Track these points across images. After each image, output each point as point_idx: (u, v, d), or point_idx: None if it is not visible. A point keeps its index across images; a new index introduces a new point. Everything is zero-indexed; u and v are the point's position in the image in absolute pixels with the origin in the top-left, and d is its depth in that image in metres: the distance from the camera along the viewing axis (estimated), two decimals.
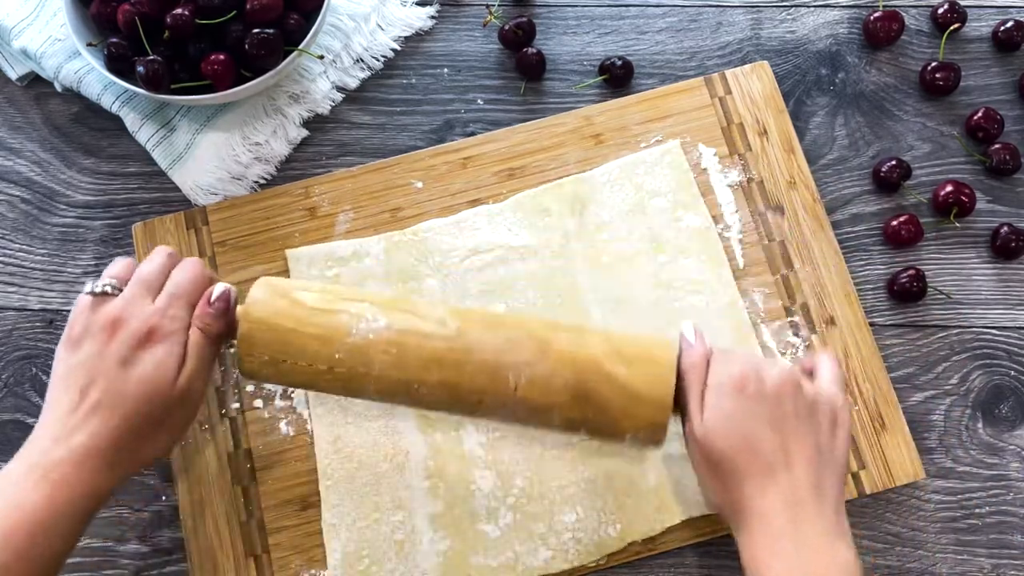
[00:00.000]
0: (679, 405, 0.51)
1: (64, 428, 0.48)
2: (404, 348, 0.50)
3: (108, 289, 0.51)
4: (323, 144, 0.71)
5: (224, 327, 0.52)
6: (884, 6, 0.73)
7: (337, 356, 0.50)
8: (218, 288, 0.52)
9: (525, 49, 0.71)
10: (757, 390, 0.49)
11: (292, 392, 0.63)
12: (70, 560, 0.61)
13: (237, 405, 0.63)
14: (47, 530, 0.46)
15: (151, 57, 0.63)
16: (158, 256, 0.53)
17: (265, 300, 0.52)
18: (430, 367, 0.50)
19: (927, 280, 0.66)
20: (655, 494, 0.59)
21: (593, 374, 0.50)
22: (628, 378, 0.50)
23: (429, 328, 0.51)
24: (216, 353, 0.52)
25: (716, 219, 0.66)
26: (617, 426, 0.51)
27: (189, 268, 0.53)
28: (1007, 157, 0.68)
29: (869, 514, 0.62)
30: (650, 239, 0.65)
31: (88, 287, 0.51)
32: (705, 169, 0.67)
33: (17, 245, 0.68)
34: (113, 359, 0.49)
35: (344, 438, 0.61)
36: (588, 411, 0.50)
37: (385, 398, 0.53)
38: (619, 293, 0.64)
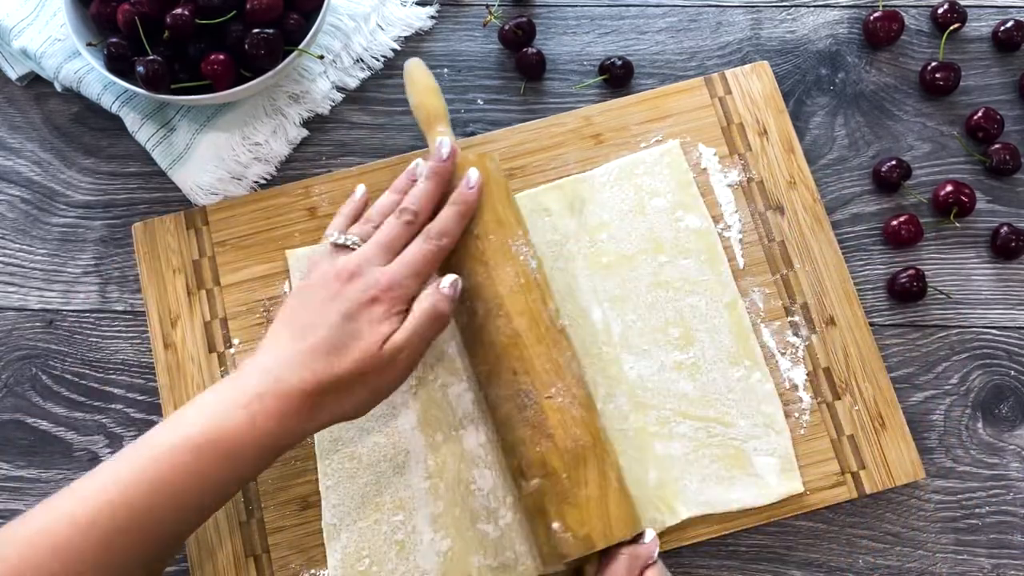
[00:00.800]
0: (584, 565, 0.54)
1: (277, 364, 0.50)
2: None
3: (350, 242, 0.55)
4: (323, 144, 0.71)
5: (448, 309, 0.54)
6: (884, 6, 0.73)
7: None
8: (447, 279, 0.54)
9: (525, 49, 0.71)
10: None
11: None
12: None
13: None
14: (242, 453, 0.48)
15: (151, 57, 0.63)
16: (403, 218, 0.56)
17: None
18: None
19: (927, 280, 0.66)
20: (656, 494, 0.59)
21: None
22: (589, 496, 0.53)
23: None
24: (434, 330, 0.53)
25: (716, 219, 0.66)
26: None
27: (427, 245, 0.55)
28: (1007, 157, 0.68)
29: (869, 514, 0.62)
30: (650, 239, 0.65)
31: (333, 236, 0.55)
32: (705, 169, 0.67)
33: (17, 245, 0.68)
34: (338, 311, 0.51)
35: (344, 438, 0.61)
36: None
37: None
38: (618, 293, 0.64)
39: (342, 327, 0.50)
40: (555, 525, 0.53)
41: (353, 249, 0.55)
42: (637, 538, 0.54)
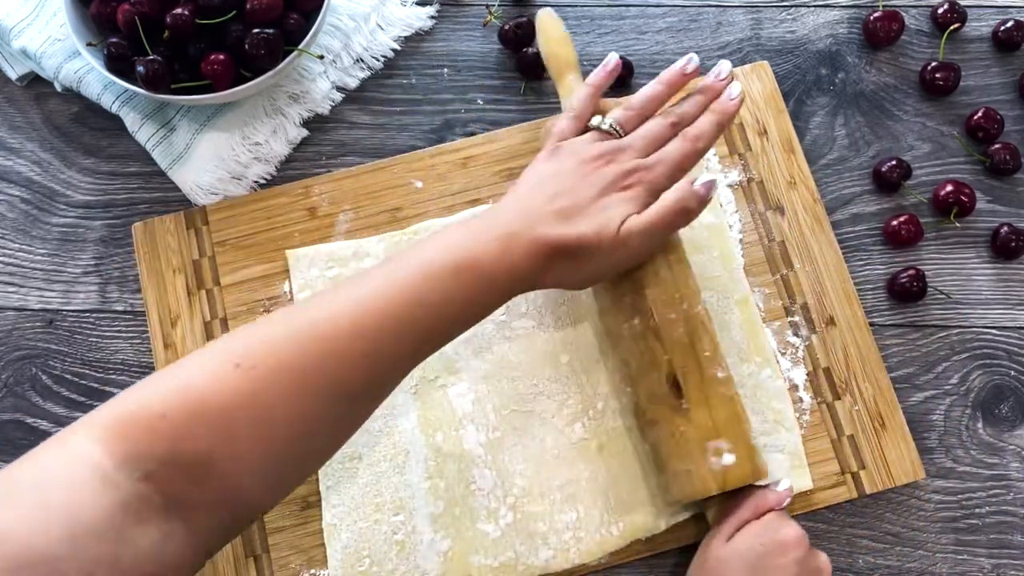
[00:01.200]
0: (718, 509, 0.56)
1: (528, 212, 0.52)
2: None
3: (614, 129, 0.56)
4: (323, 144, 0.71)
5: (695, 208, 0.54)
6: (884, 6, 0.73)
7: None
8: (704, 177, 0.54)
9: (525, 49, 0.71)
10: (778, 563, 0.53)
11: None
12: None
13: None
14: (496, 280, 0.50)
15: (151, 57, 0.63)
16: (669, 119, 0.57)
17: None
18: None
19: (927, 280, 0.66)
20: (659, 493, 0.59)
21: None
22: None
23: None
24: (675, 224, 0.54)
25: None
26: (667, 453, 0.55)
27: (685, 144, 0.56)
28: (1007, 157, 0.68)
29: (869, 514, 0.62)
30: None
31: (599, 121, 0.57)
32: (706, 169, 0.67)
33: (17, 245, 0.68)
34: (591, 186, 0.53)
35: None
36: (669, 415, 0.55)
37: None
38: None
39: (591, 202, 0.52)
40: (725, 449, 0.53)
41: (613, 135, 0.56)
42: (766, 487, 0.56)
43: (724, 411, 0.54)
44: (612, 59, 0.60)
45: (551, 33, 0.65)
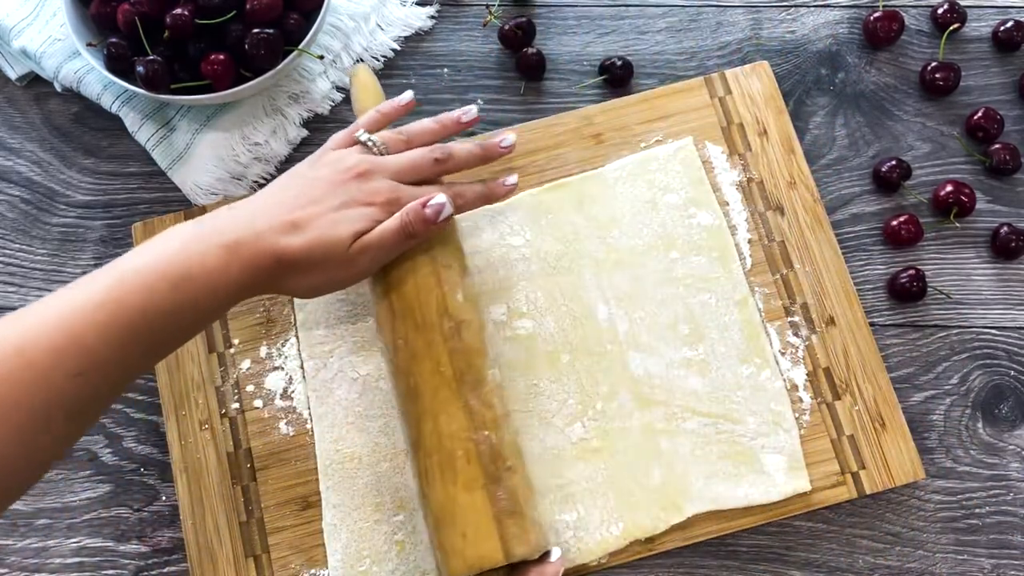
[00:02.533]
0: None
1: (261, 219, 0.51)
2: None
3: (373, 146, 0.56)
4: (323, 144, 0.70)
5: (421, 230, 0.54)
6: (884, 6, 0.73)
7: None
8: (438, 198, 0.54)
9: (525, 49, 0.71)
10: None
11: (292, 392, 0.63)
12: (69, 560, 0.61)
13: (237, 405, 0.63)
14: (213, 292, 0.49)
15: (151, 57, 0.63)
16: (434, 154, 0.57)
17: None
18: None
19: (927, 280, 0.66)
20: (660, 492, 0.59)
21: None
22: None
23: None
24: (403, 244, 0.54)
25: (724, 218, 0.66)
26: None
27: (446, 188, 0.56)
28: (1007, 157, 0.68)
29: (869, 514, 0.62)
30: (661, 236, 0.65)
31: (361, 133, 0.57)
32: (713, 168, 0.67)
33: (17, 245, 0.68)
34: (335, 198, 0.53)
35: (345, 438, 0.61)
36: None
37: None
38: (628, 290, 0.64)
39: (328, 213, 0.52)
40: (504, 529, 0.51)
41: (374, 152, 0.56)
42: (544, 556, 0.54)
43: (508, 483, 0.53)
44: (406, 96, 0.60)
45: (367, 88, 0.64)
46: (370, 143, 0.56)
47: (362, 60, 0.72)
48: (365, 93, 0.63)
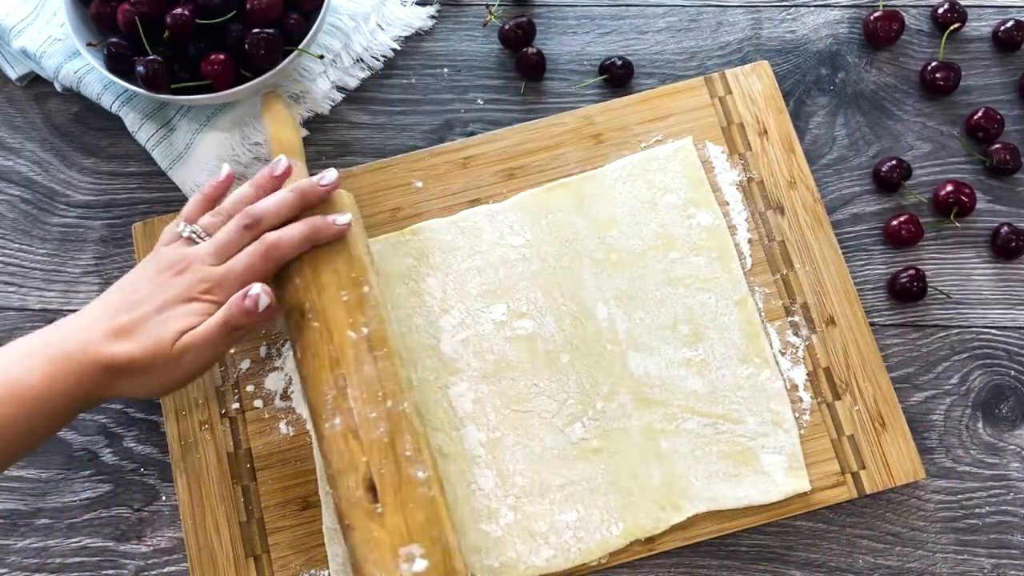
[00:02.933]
0: None
1: (89, 330, 0.51)
2: None
3: (193, 235, 0.56)
4: (323, 144, 0.71)
5: (247, 321, 0.53)
6: (884, 6, 0.73)
7: None
8: (255, 288, 0.53)
9: (525, 49, 0.71)
10: None
11: (292, 392, 0.63)
12: (69, 560, 0.61)
13: (237, 405, 0.63)
14: (39, 407, 0.49)
15: (151, 57, 0.63)
16: (242, 222, 0.55)
17: None
18: None
19: (927, 280, 0.66)
20: (660, 492, 0.59)
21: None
22: None
23: None
24: (230, 338, 0.53)
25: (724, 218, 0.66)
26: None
27: (257, 250, 0.55)
28: (1007, 157, 0.68)
29: (869, 514, 0.62)
30: (661, 236, 0.65)
31: (180, 226, 0.56)
32: (713, 168, 0.67)
33: (17, 245, 0.68)
34: (158, 299, 0.53)
35: None
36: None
37: None
38: (627, 290, 0.64)
39: (152, 315, 0.52)
40: (418, 554, 0.52)
41: (195, 241, 0.56)
42: None
43: (422, 514, 0.52)
44: (223, 170, 0.60)
45: (277, 114, 0.64)
46: (186, 234, 0.56)
47: (362, 60, 0.72)
48: (276, 124, 0.63)
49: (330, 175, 0.58)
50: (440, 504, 0.53)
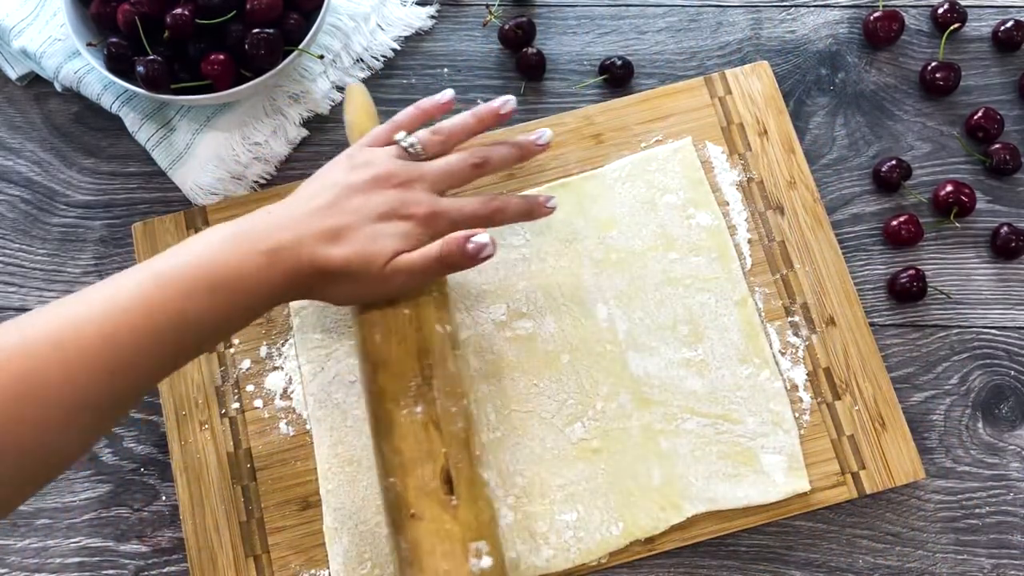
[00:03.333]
0: None
1: (299, 226, 0.50)
2: None
3: (414, 150, 0.55)
4: (323, 144, 0.70)
5: (461, 264, 0.52)
6: (884, 6, 0.73)
7: None
8: (481, 237, 0.52)
9: (525, 49, 0.71)
10: None
11: (292, 392, 0.63)
12: (69, 560, 0.61)
13: (237, 405, 0.63)
14: (253, 296, 0.49)
15: (151, 57, 0.63)
16: (472, 161, 0.56)
17: None
18: None
19: (927, 280, 0.66)
20: (660, 492, 0.59)
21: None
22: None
23: None
24: (440, 273, 0.53)
25: (723, 218, 0.66)
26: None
27: (483, 204, 0.55)
28: (1007, 157, 0.68)
29: (869, 514, 0.62)
30: (660, 236, 0.65)
31: (401, 136, 0.56)
32: (713, 168, 0.67)
33: (17, 245, 0.68)
34: (374, 207, 0.52)
35: (344, 442, 0.61)
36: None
37: None
38: (627, 290, 0.64)
39: (367, 225, 0.51)
40: (485, 551, 0.51)
41: (415, 156, 0.55)
42: None
43: (487, 513, 0.53)
44: (447, 94, 0.59)
45: (359, 103, 0.63)
46: (409, 147, 0.55)
47: (362, 60, 0.72)
48: (358, 113, 0.63)
49: (547, 134, 0.59)
50: (495, 508, 0.54)
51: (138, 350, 0.45)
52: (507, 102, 0.59)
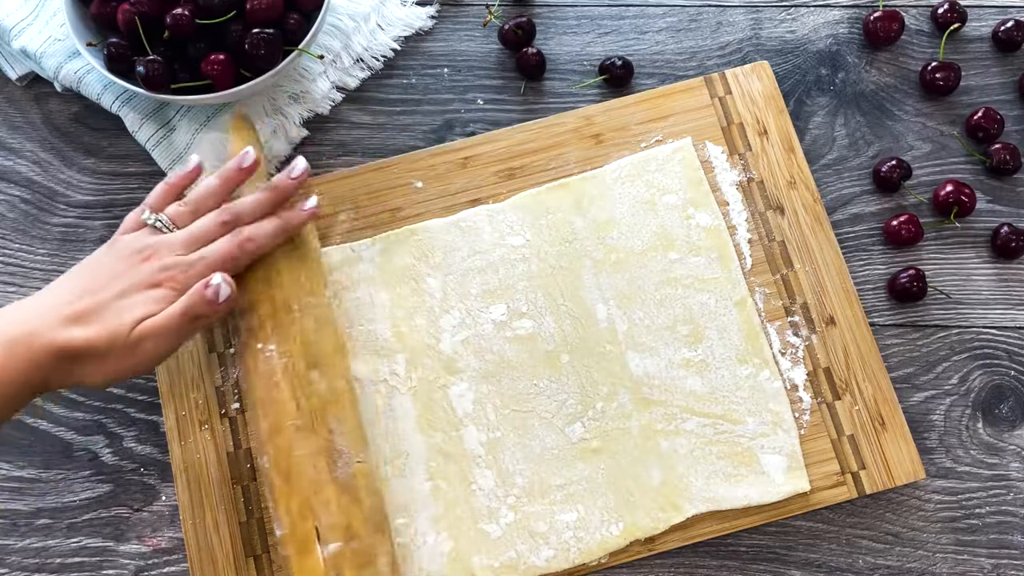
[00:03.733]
0: None
1: (39, 316, 0.51)
2: None
3: (160, 225, 0.56)
4: (323, 144, 0.71)
5: (207, 312, 0.53)
6: (884, 6, 0.73)
7: None
8: (216, 278, 0.53)
9: (525, 49, 0.71)
10: None
11: None
12: (69, 560, 0.61)
13: (237, 405, 0.63)
14: None
15: (151, 57, 0.63)
16: (221, 218, 0.56)
17: None
18: None
19: (927, 280, 0.66)
20: (660, 492, 0.59)
21: None
22: None
23: None
24: (190, 329, 0.54)
25: (723, 218, 0.66)
26: None
27: (232, 242, 0.55)
28: (1007, 157, 0.68)
29: (869, 514, 0.62)
30: (660, 236, 0.65)
31: (146, 215, 0.56)
32: (714, 168, 0.67)
33: (17, 245, 0.68)
34: (119, 285, 0.53)
35: None
36: None
37: None
38: (627, 290, 0.64)
39: (112, 301, 0.52)
40: None
41: (160, 231, 0.56)
42: None
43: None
44: (192, 161, 0.60)
45: (245, 131, 0.64)
46: (155, 223, 0.56)
47: (362, 60, 0.72)
48: (239, 137, 0.64)
49: (300, 165, 0.59)
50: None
51: None
52: (246, 155, 0.59)
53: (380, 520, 0.55)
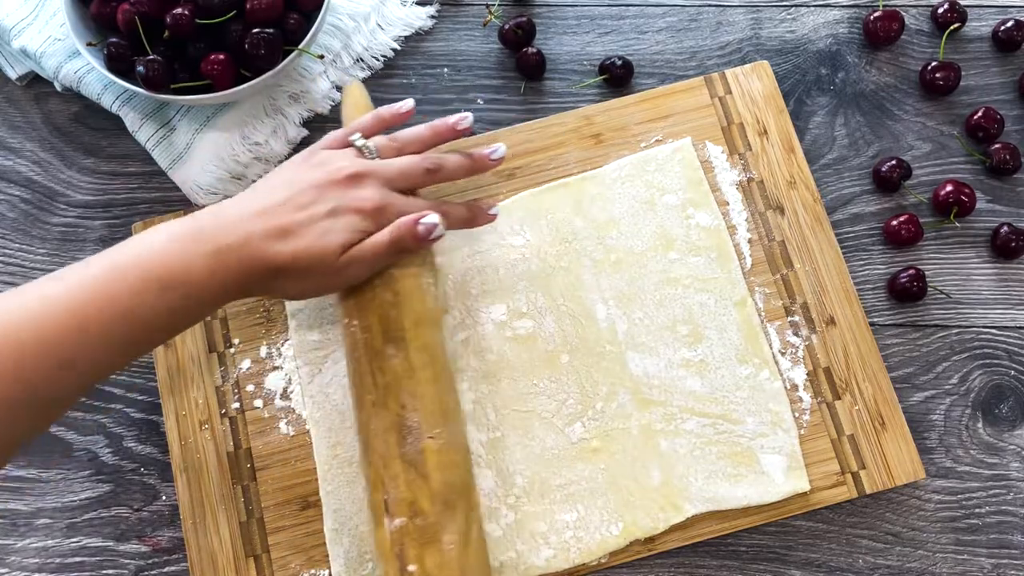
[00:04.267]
0: None
1: (248, 224, 0.50)
2: None
3: (368, 151, 0.56)
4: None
5: (412, 246, 0.54)
6: (884, 6, 0.73)
7: None
8: (431, 218, 0.53)
9: (525, 49, 0.71)
10: None
11: (292, 392, 0.63)
12: (69, 560, 0.61)
13: (237, 405, 0.63)
14: (200, 297, 0.49)
15: (151, 57, 0.63)
16: (426, 165, 0.57)
17: None
18: None
19: (927, 280, 0.66)
20: (659, 492, 0.59)
21: None
22: None
23: None
24: (392, 257, 0.54)
25: (723, 218, 0.66)
26: None
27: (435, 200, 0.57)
28: (1007, 157, 0.68)
29: (869, 514, 0.62)
30: (660, 236, 0.65)
31: (357, 138, 0.56)
32: (714, 168, 0.67)
33: (17, 245, 0.68)
34: (325, 204, 0.52)
35: (343, 443, 0.61)
36: None
37: None
38: (626, 290, 0.64)
39: (319, 219, 0.52)
40: (412, 568, 0.51)
41: (367, 157, 0.56)
42: None
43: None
44: (406, 104, 0.60)
45: (358, 106, 0.64)
46: (364, 148, 0.56)
47: (362, 60, 0.72)
48: (356, 111, 0.63)
49: (501, 149, 0.59)
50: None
51: (90, 344, 0.45)
52: (464, 118, 0.59)
53: (453, 498, 0.53)
